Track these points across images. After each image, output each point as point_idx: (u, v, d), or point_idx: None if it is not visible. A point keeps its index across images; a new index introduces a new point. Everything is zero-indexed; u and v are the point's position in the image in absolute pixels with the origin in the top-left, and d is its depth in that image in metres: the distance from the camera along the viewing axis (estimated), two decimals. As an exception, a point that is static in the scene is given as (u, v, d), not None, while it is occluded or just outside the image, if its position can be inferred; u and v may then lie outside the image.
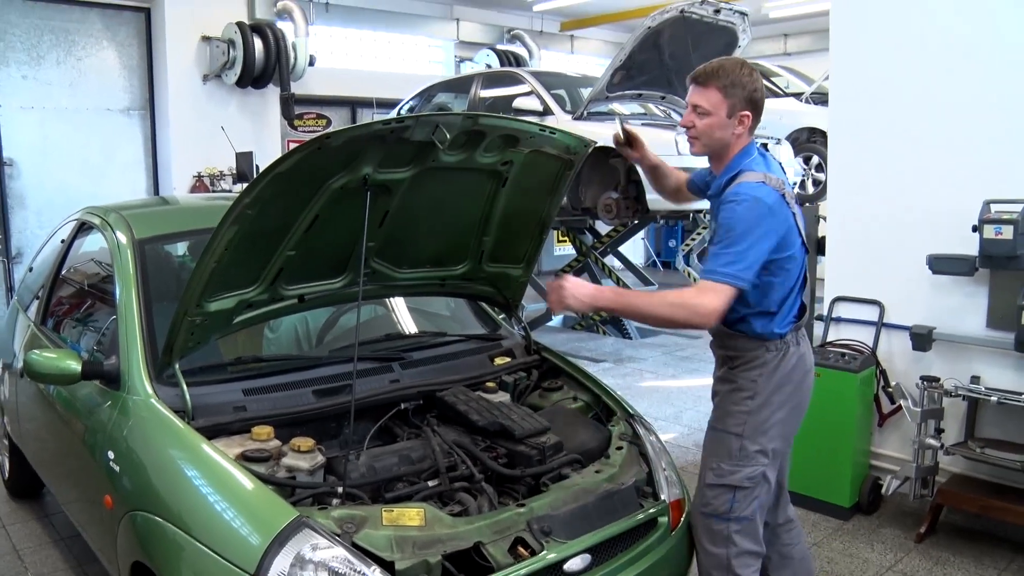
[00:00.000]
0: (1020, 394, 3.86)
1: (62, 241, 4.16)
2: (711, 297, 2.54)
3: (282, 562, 2.09)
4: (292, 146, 10.74)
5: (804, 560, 3.14)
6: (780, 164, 2.85)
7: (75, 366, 2.82)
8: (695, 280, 9.79)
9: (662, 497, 2.80)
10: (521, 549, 2.34)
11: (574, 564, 2.39)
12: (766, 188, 2.60)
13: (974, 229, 3.80)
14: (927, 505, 4.12)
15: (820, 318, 4.70)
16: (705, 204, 6.86)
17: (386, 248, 2.92)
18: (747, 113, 2.67)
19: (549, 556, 2.34)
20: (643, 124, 7.36)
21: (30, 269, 4.71)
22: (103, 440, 2.80)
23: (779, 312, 2.73)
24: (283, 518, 2.17)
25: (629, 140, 3.10)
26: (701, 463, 2.90)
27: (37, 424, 3.76)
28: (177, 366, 2.66)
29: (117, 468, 2.68)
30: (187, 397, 2.62)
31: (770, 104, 10.26)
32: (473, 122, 2.64)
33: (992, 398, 3.90)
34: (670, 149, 6.73)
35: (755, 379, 2.74)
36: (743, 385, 2.76)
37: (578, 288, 2.61)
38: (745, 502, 2.76)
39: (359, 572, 2.10)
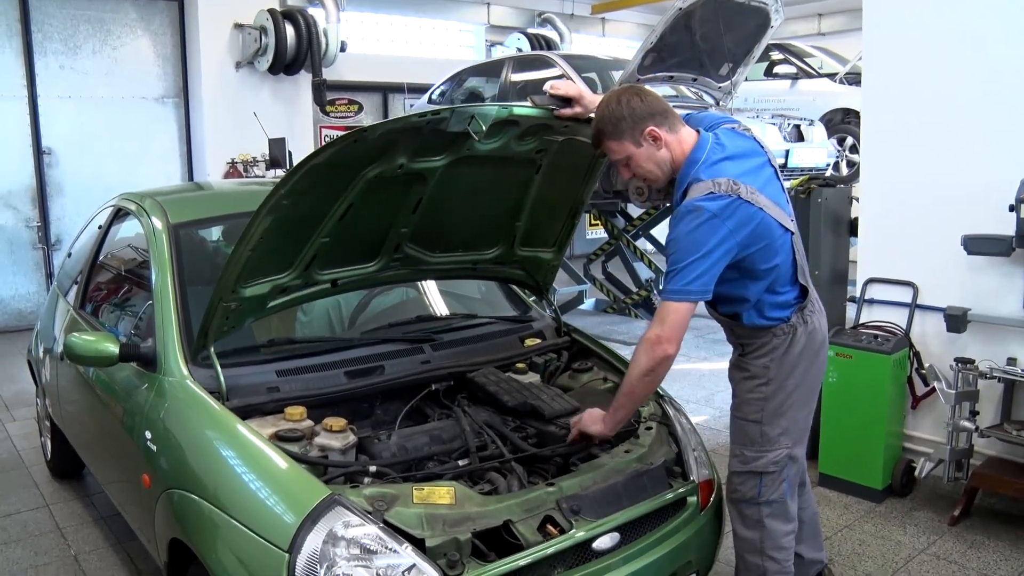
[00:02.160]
0: (1057, 376, 3.81)
1: (99, 227, 4.23)
2: (657, 328, 2.54)
3: (315, 539, 2.13)
4: (324, 133, 10.79)
5: (812, 521, 3.17)
6: (756, 140, 2.73)
7: (113, 348, 2.88)
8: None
9: (691, 477, 2.80)
10: (550, 527, 2.36)
11: (603, 543, 2.41)
12: (715, 198, 2.48)
13: (1011, 208, 3.74)
14: (961, 488, 4.08)
15: (853, 300, 4.67)
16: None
17: (419, 233, 2.94)
18: (648, 128, 2.59)
19: (578, 534, 2.36)
20: (675, 107, 7.31)
21: (69, 255, 4.80)
22: (140, 421, 2.86)
23: (770, 301, 2.69)
24: (316, 496, 2.20)
25: (564, 100, 2.80)
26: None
27: (77, 406, 3.84)
28: (212, 348, 2.71)
29: (154, 448, 2.74)
30: (221, 378, 2.66)
31: (804, 85, 10.26)
32: (508, 112, 2.65)
33: (1028, 380, 3.85)
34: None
35: (767, 365, 2.74)
36: (756, 372, 2.76)
37: (587, 420, 2.71)
38: (773, 486, 2.78)
39: (390, 549, 2.13)
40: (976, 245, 3.96)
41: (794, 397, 2.77)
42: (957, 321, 4.10)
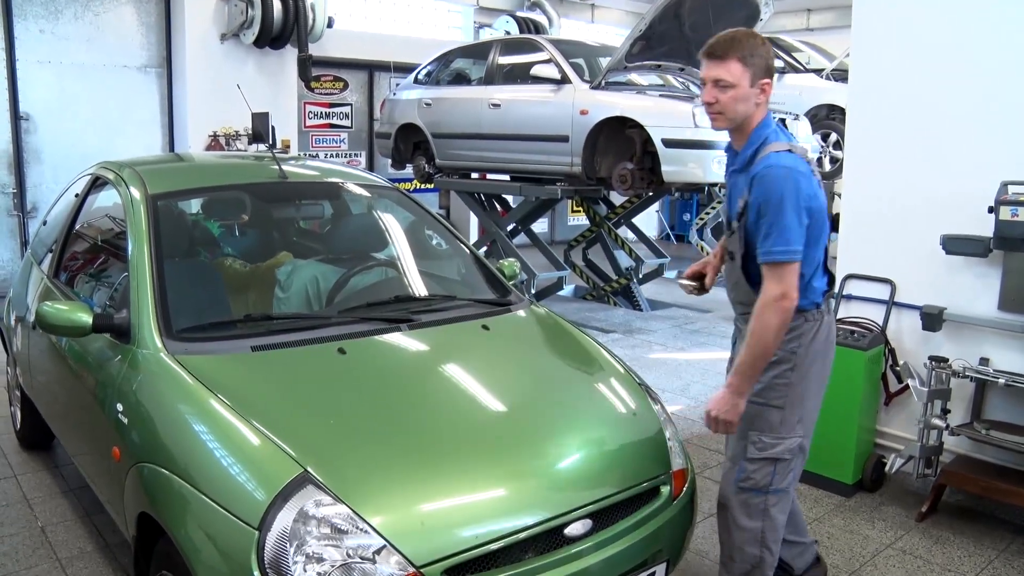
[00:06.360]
0: (1029, 377, 3.85)
1: (76, 195, 4.17)
2: (776, 285, 2.60)
3: (286, 517, 2.12)
4: (308, 109, 10.70)
5: (797, 511, 3.22)
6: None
7: (86, 318, 2.85)
8: (708, 255, 9.79)
9: (665, 466, 2.82)
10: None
11: (575, 529, 2.41)
12: (795, 156, 2.63)
13: (990, 210, 3.77)
14: (930, 485, 4.13)
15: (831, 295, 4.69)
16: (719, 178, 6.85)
17: None
18: (768, 81, 2.68)
19: (550, 521, 2.36)
20: (661, 96, 7.31)
21: (44, 223, 4.74)
22: (112, 393, 2.83)
23: (813, 281, 2.75)
24: (287, 474, 2.20)
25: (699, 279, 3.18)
26: (733, 439, 2.90)
27: (48, 376, 3.80)
28: None
29: (125, 420, 2.71)
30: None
31: (790, 80, 10.27)
32: None
33: (1000, 380, 3.89)
34: (687, 121, 6.71)
35: (795, 350, 2.77)
36: (783, 357, 2.77)
37: (716, 405, 2.70)
38: (783, 474, 2.82)
39: (361, 529, 2.13)
40: (954, 245, 3.99)
41: (813, 386, 2.83)
42: (933, 320, 4.13)
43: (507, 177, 8.73)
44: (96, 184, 3.99)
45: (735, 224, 2.76)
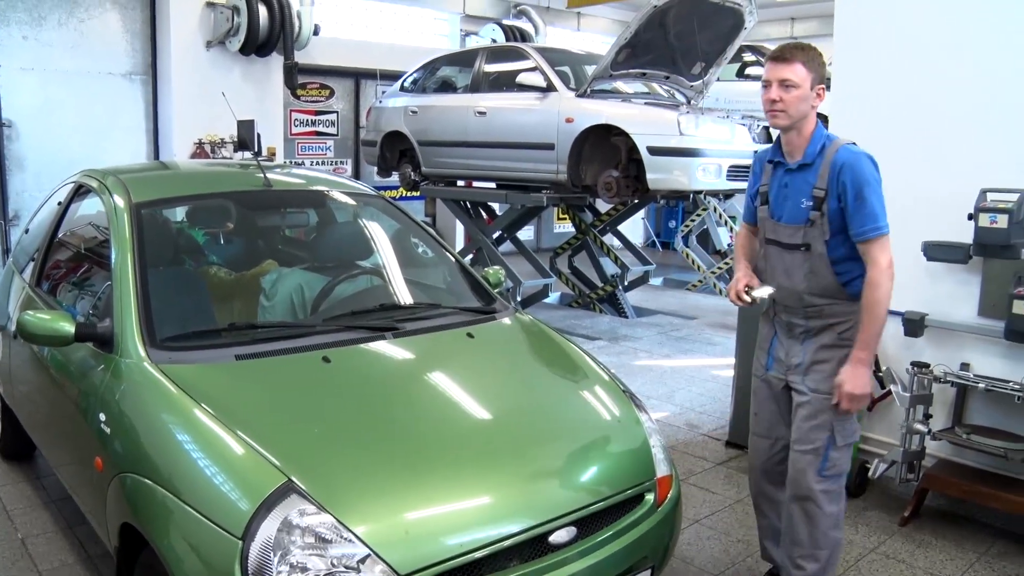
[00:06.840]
0: (1008, 382, 3.88)
1: (59, 203, 4.15)
2: (884, 255, 2.86)
3: (269, 526, 2.11)
4: (294, 117, 10.69)
5: None
6: None
7: (68, 328, 2.83)
8: (694, 262, 9.80)
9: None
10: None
11: (559, 536, 2.41)
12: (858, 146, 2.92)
13: (969, 217, 3.81)
14: (912, 489, 4.16)
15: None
16: (712, 185, 6.87)
17: None
18: (823, 87, 2.95)
19: (534, 528, 2.36)
20: (646, 104, 7.35)
21: (26, 231, 4.71)
22: (95, 402, 2.82)
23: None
24: (271, 483, 2.19)
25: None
26: (806, 431, 3.00)
27: (30, 386, 3.77)
28: None
29: (108, 430, 2.70)
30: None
31: (774, 87, 10.06)
32: None
33: (980, 385, 3.93)
34: (672, 129, 6.74)
35: None
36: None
37: (855, 382, 2.88)
38: (851, 457, 3.09)
39: (345, 539, 2.13)
40: (935, 252, 4.03)
41: None
42: (915, 325, 4.16)
43: (493, 185, 8.75)
44: (79, 192, 3.97)
45: (814, 215, 2.92)
